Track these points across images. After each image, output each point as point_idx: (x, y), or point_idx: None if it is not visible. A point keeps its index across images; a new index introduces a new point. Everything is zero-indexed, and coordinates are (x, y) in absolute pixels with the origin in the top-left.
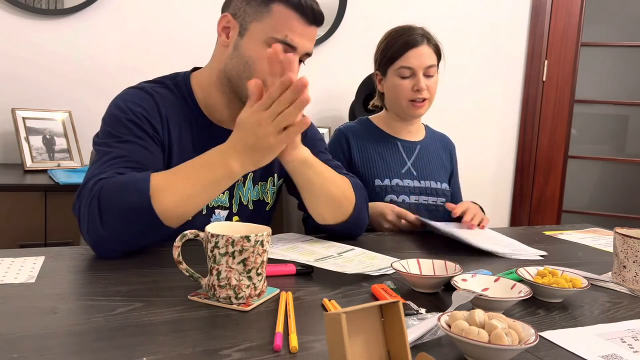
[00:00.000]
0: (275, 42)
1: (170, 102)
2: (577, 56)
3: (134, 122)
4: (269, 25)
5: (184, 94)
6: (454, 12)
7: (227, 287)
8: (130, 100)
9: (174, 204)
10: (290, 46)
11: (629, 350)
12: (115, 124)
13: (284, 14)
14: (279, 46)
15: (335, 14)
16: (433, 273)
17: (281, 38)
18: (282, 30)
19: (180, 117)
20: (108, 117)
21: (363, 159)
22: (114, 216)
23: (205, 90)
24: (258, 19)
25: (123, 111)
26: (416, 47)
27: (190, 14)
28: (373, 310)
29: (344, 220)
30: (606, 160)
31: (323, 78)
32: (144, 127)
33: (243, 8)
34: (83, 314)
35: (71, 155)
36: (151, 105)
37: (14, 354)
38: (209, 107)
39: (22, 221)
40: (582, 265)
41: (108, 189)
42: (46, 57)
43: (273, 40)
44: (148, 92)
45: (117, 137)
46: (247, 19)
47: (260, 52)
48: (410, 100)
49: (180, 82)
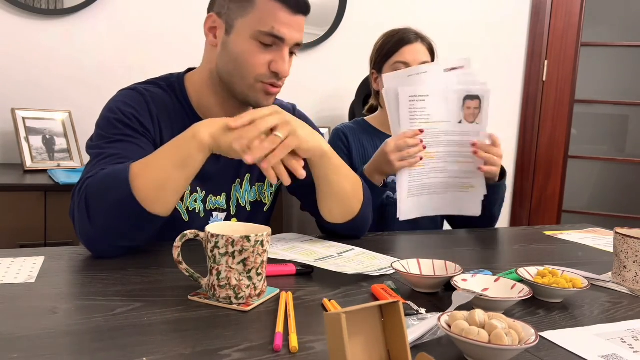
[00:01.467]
0: (262, 36)
1: (162, 102)
2: (577, 56)
3: (123, 122)
4: (254, 20)
5: (178, 95)
6: (454, 12)
7: (227, 287)
8: (121, 102)
9: (151, 186)
10: (277, 38)
11: (629, 350)
12: (106, 126)
13: (268, 5)
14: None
15: (335, 14)
16: (433, 273)
17: (267, 30)
18: (268, 22)
19: (173, 117)
20: (100, 121)
21: (361, 157)
22: (99, 210)
23: (199, 91)
24: (242, 15)
25: (113, 112)
26: (411, 43)
27: (190, 14)
28: (373, 310)
29: (351, 218)
30: (606, 160)
31: (323, 78)
32: (134, 126)
33: (227, 6)
34: (83, 314)
35: (71, 155)
36: (141, 104)
37: (14, 354)
38: (202, 108)
39: (22, 221)
40: (582, 265)
41: (93, 186)
42: (46, 57)
43: (260, 33)
44: (139, 92)
45: (108, 138)
46: (232, 16)
47: (249, 48)
48: None
49: (174, 83)
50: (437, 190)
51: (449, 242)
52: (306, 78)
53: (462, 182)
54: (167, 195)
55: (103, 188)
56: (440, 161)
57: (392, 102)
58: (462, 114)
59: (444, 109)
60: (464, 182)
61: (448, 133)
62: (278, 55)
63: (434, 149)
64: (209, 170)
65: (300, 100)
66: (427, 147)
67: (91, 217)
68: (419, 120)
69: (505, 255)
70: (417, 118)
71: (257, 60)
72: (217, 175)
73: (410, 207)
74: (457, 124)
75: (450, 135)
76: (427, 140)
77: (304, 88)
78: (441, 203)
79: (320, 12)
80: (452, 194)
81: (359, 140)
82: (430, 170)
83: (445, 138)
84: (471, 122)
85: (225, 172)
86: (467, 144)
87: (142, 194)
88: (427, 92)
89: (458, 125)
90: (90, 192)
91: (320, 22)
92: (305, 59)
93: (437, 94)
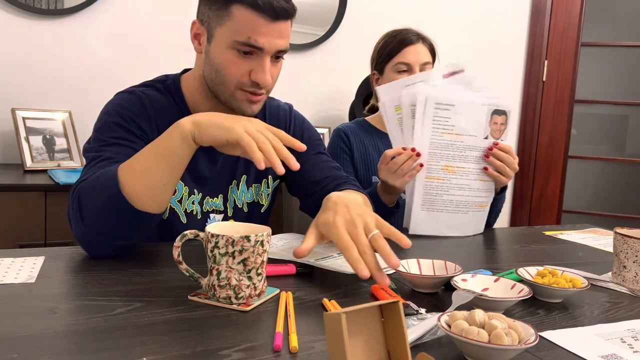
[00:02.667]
0: (239, 45)
1: (160, 105)
2: (577, 56)
3: (120, 125)
4: (230, 29)
5: (174, 97)
6: (454, 12)
7: (227, 287)
8: (118, 105)
9: (137, 182)
10: (255, 47)
11: (629, 350)
12: (103, 129)
13: (244, 15)
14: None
15: (335, 14)
16: (433, 273)
17: (244, 40)
18: (244, 32)
19: (170, 119)
20: (98, 123)
21: (361, 156)
22: (90, 210)
23: (193, 95)
24: (220, 24)
25: (111, 115)
26: (413, 44)
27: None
28: (373, 310)
29: None
30: (606, 160)
31: (323, 78)
32: (131, 129)
33: (207, 13)
34: (83, 314)
35: (71, 155)
36: (139, 107)
37: (14, 354)
38: (198, 110)
39: (22, 221)
40: (582, 265)
41: (84, 187)
42: (46, 57)
43: (237, 43)
44: (137, 95)
45: (104, 141)
46: (212, 24)
47: (228, 57)
48: None
49: (170, 85)
50: (459, 209)
51: (449, 242)
52: (306, 78)
53: (480, 201)
54: (153, 189)
55: (93, 189)
56: (463, 178)
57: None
58: (489, 129)
59: (471, 122)
60: (482, 200)
61: (473, 148)
62: (258, 65)
63: (457, 163)
64: (206, 172)
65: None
66: (449, 161)
67: (84, 219)
68: (442, 129)
69: (505, 255)
70: (440, 127)
71: (237, 69)
72: (213, 177)
73: (423, 220)
74: (484, 139)
75: (475, 150)
76: (449, 153)
77: (304, 88)
78: (460, 222)
79: (320, 12)
80: (472, 213)
81: (360, 140)
82: (451, 186)
83: (470, 153)
84: (497, 138)
85: (222, 174)
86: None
87: (129, 190)
88: (453, 101)
89: (484, 141)
90: (82, 193)
91: (320, 22)
92: (305, 59)
93: (463, 105)
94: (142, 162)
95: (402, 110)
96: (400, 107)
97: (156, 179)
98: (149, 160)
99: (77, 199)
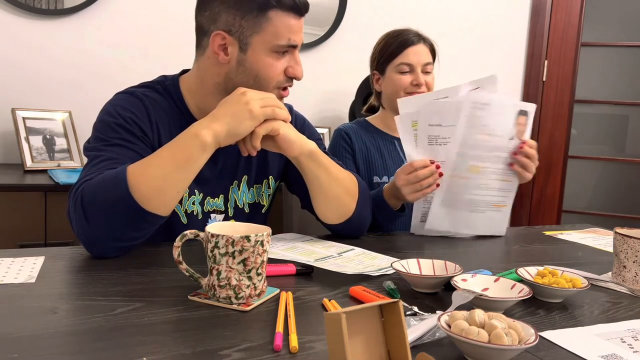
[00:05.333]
0: (280, 48)
1: (161, 107)
2: (577, 56)
3: (122, 126)
4: (270, 34)
5: (174, 98)
6: (454, 12)
7: (227, 287)
8: (119, 105)
9: (150, 187)
10: (292, 46)
11: (629, 350)
12: (104, 128)
13: (282, 18)
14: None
15: (335, 14)
16: (433, 273)
17: (285, 43)
18: (285, 34)
19: (170, 121)
20: (98, 123)
21: (362, 156)
22: (96, 211)
23: (197, 97)
24: (258, 31)
25: (112, 116)
26: (414, 45)
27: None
28: (373, 310)
29: (347, 218)
30: (606, 160)
31: (323, 78)
32: (133, 130)
33: (238, 23)
34: (83, 314)
35: (71, 155)
36: (141, 109)
37: (14, 354)
38: (201, 112)
39: (22, 221)
40: (582, 265)
41: (89, 188)
42: (46, 57)
43: (278, 47)
44: (138, 97)
45: (106, 141)
46: (246, 33)
47: (268, 62)
48: (408, 93)
49: (169, 87)
50: (478, 208)
51: (449, 242)
52: (306, 78)
53: (498, 201)
54: (166, 194)
55: (100, 190)
56: (485, 177)
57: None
58: (514, 130)
59: (501, 122)
60: (500, 200)
61: (499, 149)
62: (292, 60)
63: (482, 163)
64: (207, 172)
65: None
66: (477, 161)
67: (89, 219)
68: (476, 130)
69: (505, 255)
70: (475, 126)
71: (276, 71)
72: (214, 177)
73: (440, 217)
74: (509, 140)
75: (500, 151)
76: (478, 154)
77: (304, 88)
78: (476, 221)
79: (320, 12)
80: (489, 213)
81: (362, 140)
82: (473, 186)
83: (496, 153)
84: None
85: (223, 175)
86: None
87: (140, 193)
88: (489, 100)
89: (510, 142)
90: (87, 194)
91: (320, 22)
92: (305, 59)
93: (497, 105)
94: (159, 168)
95: (418, 127)
96: (416, 124)
97: (172, 186)
98: (166, 167)
99: (80, 198)
